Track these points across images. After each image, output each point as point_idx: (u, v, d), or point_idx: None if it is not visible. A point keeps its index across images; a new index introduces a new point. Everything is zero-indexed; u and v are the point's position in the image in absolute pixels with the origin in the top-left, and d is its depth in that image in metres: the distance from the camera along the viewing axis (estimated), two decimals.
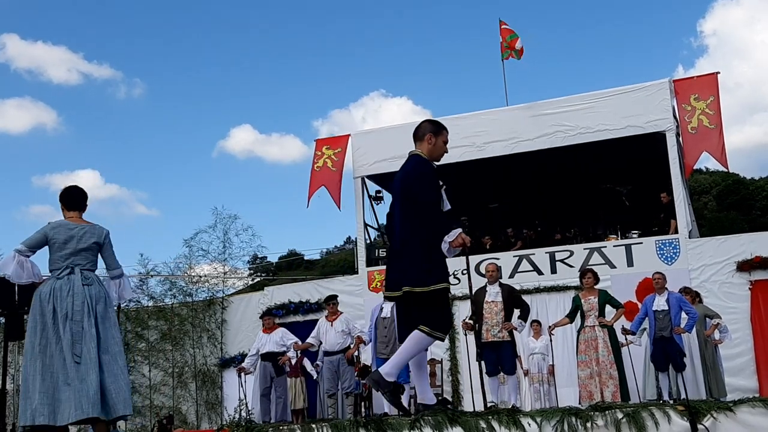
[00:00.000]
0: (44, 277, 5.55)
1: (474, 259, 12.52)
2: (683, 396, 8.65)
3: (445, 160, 14.04)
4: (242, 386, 10.56)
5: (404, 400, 9.49)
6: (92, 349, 5.26)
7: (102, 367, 5.27)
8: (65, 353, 5.21)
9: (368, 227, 13.94)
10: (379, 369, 5.21)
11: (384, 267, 12.75)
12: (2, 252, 13.91)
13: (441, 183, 5.16)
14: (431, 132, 5.25)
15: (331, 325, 10.14)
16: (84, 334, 5.29)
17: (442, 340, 5.16)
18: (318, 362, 10.60)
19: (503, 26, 14.35)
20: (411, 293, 4.90)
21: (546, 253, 12.24)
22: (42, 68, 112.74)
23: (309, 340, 10.31)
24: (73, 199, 5.87)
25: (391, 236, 5.33)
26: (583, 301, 9.28)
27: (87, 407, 5.07)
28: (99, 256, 5.73)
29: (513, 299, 9.01)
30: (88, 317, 5.37)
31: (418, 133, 5.29)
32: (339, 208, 13.71)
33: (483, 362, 9.01)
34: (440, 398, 7.17)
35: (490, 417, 6.26)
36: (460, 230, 5.03)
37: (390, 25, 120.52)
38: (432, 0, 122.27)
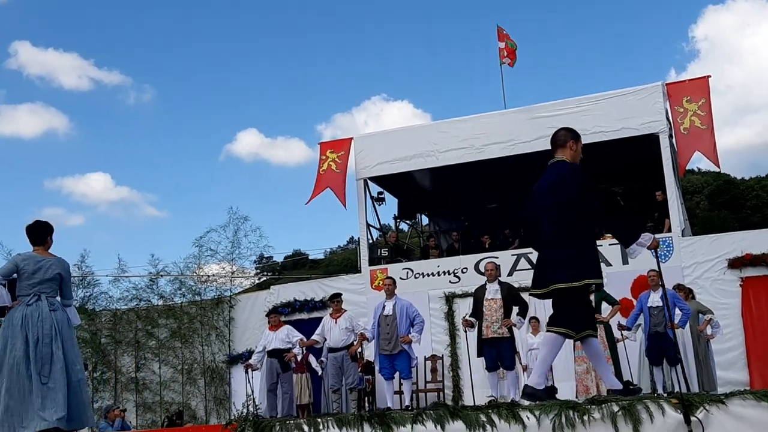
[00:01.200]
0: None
1: (473, 258, 12.55)
2: (677, 389, 8.64)
3: (445, 161, 14.18)
4: (249, 382, 10.55)
5: (406, 394, 9.53)
6: (59, 369, 5.83)
7: (69, 385, 5.84)
8: (32, 373, 5.75)
9: (370, 227, 13.95)
10: (528, 382, 5.32)
11: (386, 266, 12.84)
12: (13, 248, 14.00)
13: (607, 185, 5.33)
14: (572, 139, 5.47)
15: (335, 323, 10.15)
16: (52, 355, 5.86)
17: (572, 337, 5.14)
18: (323, 358, 10.60)
19: (502, 32, 14.40)
20: (559, 290, 4.95)
21: None
22: (53, 75, 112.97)
23: (314, 337, 10.32)
24: (36, 234, 6.30)
25: (534, 239, 5.41)
26: None
27: (52, 419, 5.65)
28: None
29: (512, 297, 9.02)
30: (55, 340, 5.94)
31: (559, 141, 5.49)
32: (345, 206, 13.70)
33: (483, 358, 9.07)
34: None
35: (490, 411, 6.26)
36: (652, 236, 4.98)
37: (391, 31, 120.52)
38: (431, 7, 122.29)
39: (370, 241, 13.83)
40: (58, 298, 6.30)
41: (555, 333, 5.09)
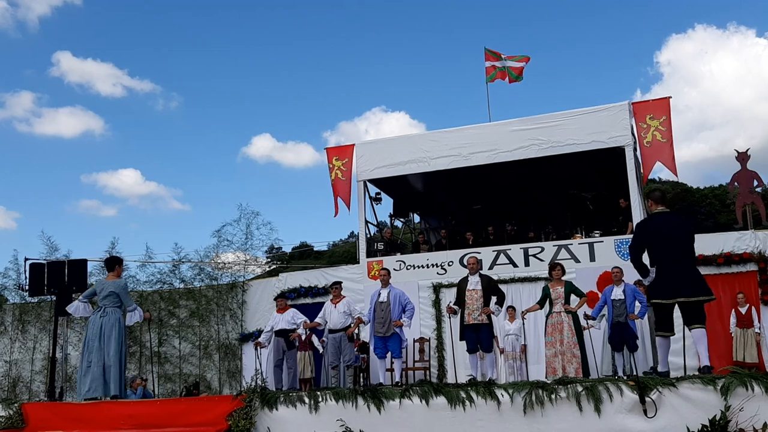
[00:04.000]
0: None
1: (458, 253, 12.55)
2: (635, 373, 8.67)
3: (436, 167, 14.11)
4: (258, 358, 10.56)
5: (397, 372, 9.54)
6: (96, 357, 7.96)
7: (104, 366, 7.97)
8: (83, 359, 8.13)
9: (368, 224, 13.95)
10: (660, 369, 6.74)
11: (381, 258, 12.84)
12: (53, 235, 14.08)
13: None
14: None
15: (335, 307, 10.16)
16: (95, 347, 7.98)
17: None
18: (324, 338, 10.61)
19: (489, 53, 14.38)
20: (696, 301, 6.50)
21: (520, 248, 12.24)
22: (91, 82, 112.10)
23: (317, 319, 10.33)
24: (107, 265, 8.57)
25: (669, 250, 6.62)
26: (551, 290, 9.29)
27: (83, 392, 7.95)
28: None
29: (491, 288, 9.03)
30: (99, 338, 7.99)
31: (665, 198, 6.87)
32: (349, 210, 13.69)
33: (465, 341, 9.08)
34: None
35: (469, 388, 6.31)
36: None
37: (391, 49, 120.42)
38: (427, 28, 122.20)
39: (368, 236, 13.82)
40: (119, 308, 8.16)
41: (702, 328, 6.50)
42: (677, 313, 6.56)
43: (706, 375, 5.91)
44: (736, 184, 12.23)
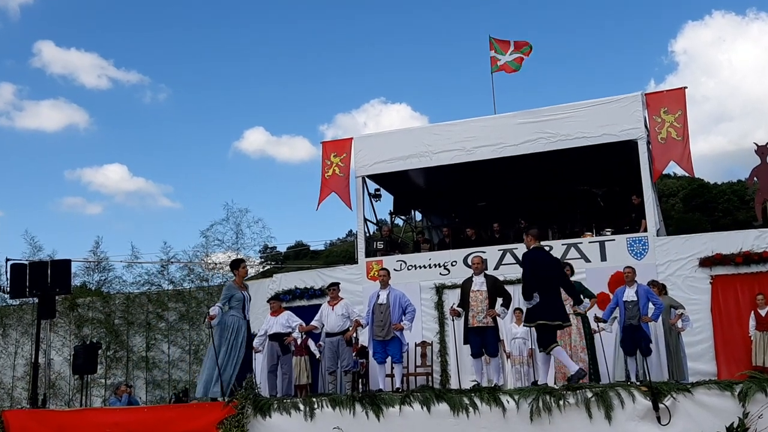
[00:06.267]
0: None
1: (462, 252, 12.54)
2: (648, 378, 8.67)
3: (438, 162, 14.11)
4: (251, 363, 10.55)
5: (397, 377, 9.54)
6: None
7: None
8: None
9: (367, 222, 13.91)
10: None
11: (381, 258, 12.83)
12: (38, 236, 14.10)
13: None
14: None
15: (332, 309, 10.15)
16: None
17: None
18: (321, 342, 10.60)
19: (494, 42, 14.36)
20: None
21: None
22: (75, 74, 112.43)
23: (313, 322, 10.32)
24: (231, 268, 9.43)
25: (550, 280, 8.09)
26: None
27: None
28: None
29: (497, 289, 9.01)
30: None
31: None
32: (350, 208, 13.64)
33: (469, 345, 9.07)
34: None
35: (473, 394, 6.30)
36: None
37: (390, 37, 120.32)
38: (428, 14, 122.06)
39: (367, 235, 13.79)
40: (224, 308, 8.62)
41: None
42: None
43: (722, 381, 5.91)
44: (755, 179, 12.18)
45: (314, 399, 6.96)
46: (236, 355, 8.49)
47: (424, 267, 12.70)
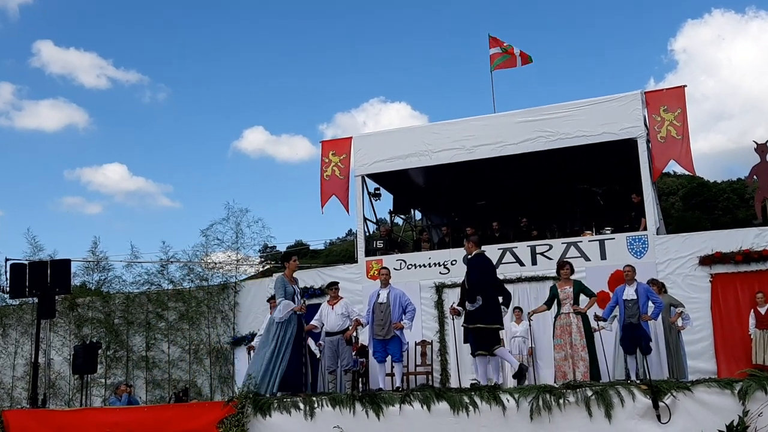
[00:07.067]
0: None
1: (462, 251, 12.51)
2: (648, 377, 8.68)
3: (438, 161, 14.12)
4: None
5: (397, 376, 9.55)
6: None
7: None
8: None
9: (367, 221, 13.91)
10: None
11: (381, 257, 12.84)
12: (38, 236, 14.22)
13: None
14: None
15: (332, 309, 10.14)
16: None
17: None
18: (321, 342, 10.61)
19: (494, 40, 14.37)
20: None
21: (527, 246, 12.23)
22: (74, 74, 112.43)
23: (312, 322, 10.31)
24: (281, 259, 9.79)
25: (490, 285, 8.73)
26: (559, 290, 9.29)
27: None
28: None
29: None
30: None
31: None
32: (348, 212, 13.65)
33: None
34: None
35: (472, 393, 6.31)
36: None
37: (390, 36, 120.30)
38: (429, 13, 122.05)
39: (367, 234, 13.79)
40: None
41: None
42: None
43: (722, 379, 5.93)
44: (755, 177, 12.21)
45: (314, 398, 6.97)
46: (284, 351, 8.55)
47: (424, 266, 12.71)
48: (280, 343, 8.51)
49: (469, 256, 8.91)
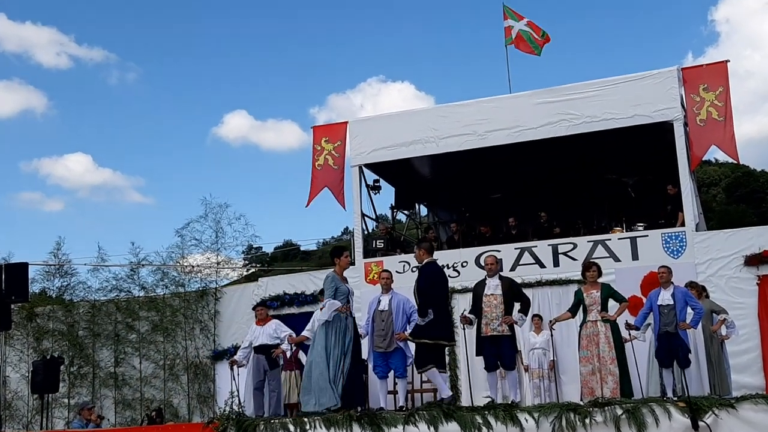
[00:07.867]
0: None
1: (474, 251, 12.55)
2: (686, 393, 8.69)
3: (446, 148, 14.15)
4: (235, 379, 10.56)
5: (400, 394, 9.57)
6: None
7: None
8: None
9: (365, 217, 13.90)
10: None
11: (381, 259, 12.85)
12: None
13: None
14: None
15: None
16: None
17: None
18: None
19: (508, 11, 14.35)
20: None
21: (548, 245, 12.23)
22: (30, 51, 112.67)
23: (304, 333, 10.32)
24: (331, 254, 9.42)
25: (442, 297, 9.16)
26: (585, 295, 9.28)
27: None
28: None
29: (513, 292, 9.03)
30: None
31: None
32: (344, 208, 13.66)
33: (482, 357, 9.09)
34: None
35: (486, 412, 6.32)
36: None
37: (390, 7, 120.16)
38: None
39: (365, 232, 13.78)
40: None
41: None
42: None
43: None
44: None
45: (306, 419, 6.99)
46: (344, 358, 8.57)
47: None
48: (339, 350, 8.59)
49: (420, 264, 9.08)
